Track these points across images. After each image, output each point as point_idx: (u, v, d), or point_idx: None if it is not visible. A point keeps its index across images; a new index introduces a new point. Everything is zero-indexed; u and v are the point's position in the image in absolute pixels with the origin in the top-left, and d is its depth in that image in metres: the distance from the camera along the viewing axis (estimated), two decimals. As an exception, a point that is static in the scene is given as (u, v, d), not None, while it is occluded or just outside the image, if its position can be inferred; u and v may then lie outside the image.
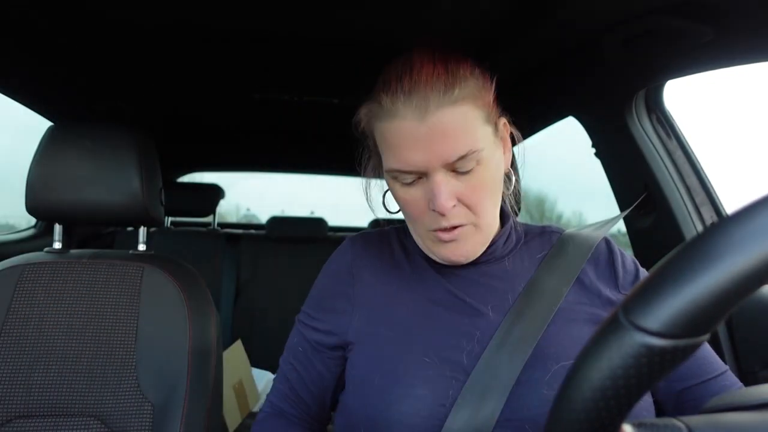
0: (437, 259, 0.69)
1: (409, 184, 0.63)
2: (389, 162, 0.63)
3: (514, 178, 0.72)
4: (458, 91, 0.59)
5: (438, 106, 0.58)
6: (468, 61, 0.63)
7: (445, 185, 0.60)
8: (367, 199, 0.75)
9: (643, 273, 0.72)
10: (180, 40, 1.17)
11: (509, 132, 0.69)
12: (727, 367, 0.67)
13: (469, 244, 0.66)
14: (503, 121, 0.68)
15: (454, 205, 0.61)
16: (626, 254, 0.75)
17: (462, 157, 0.59)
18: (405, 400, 0.61)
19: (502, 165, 0.66)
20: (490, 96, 0.64)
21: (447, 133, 0.58)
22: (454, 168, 0.60)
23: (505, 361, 0.61)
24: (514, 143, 0.71)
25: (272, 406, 0.78)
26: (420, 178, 0.62)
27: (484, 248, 0.68)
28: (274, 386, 0.78)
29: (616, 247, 0.75)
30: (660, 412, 0.66)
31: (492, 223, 0.67)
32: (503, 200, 0.71)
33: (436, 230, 0.64)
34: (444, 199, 0.60)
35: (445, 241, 0.65)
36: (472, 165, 0.60)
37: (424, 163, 0.60)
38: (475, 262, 0.69)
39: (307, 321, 0.75)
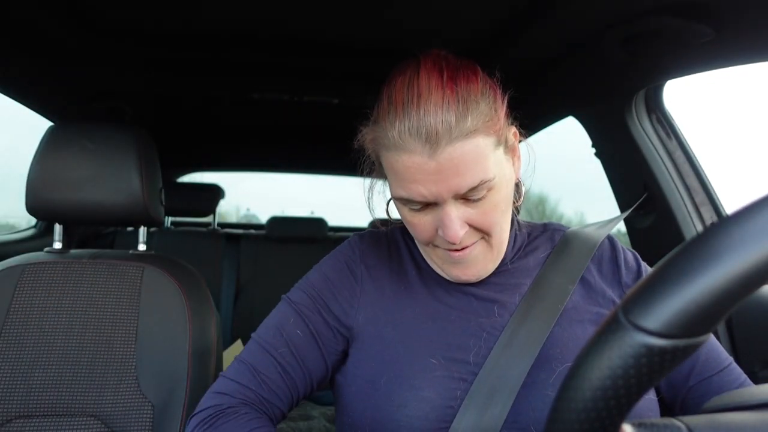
0: (447, 278, 0.68)
1: (418, 210, 0.62)
2: (397, 191, 0.61)
3: (523, 188, 0.71)
4: (470, 121, 0.56)
5: (449, 141, 0.55)
6: (477, 77, 0.60)
7: (456, 215, 0.59)
8: (369, 207, 0.73)
9: (645, 267, 0.72)
10: (180, 40, 1.17)
11: (518, 139, 0.67)
12: (731, 359, 0.66)
13: (480, 264, 0.65)
14: (512, 130, 0.65)
15: (466, 231, 0.61)
16: (628, 250, 0.75)
17: (473, 189, 0.58)
18: (412, 402, 0.60)
19: (513, 179, 0.65)
20: (501, 113, 0.61)
21: (458, 168, 0.56)
22: (464, 196, 0.59)
23: (513, 361, 0.61)
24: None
25: (252, 396, 0.66)
26: (429, 204, 0.61)
27: (496, 265, 0.67)
28: (251, 368, 0.67)
29: (618, 244, 0.75)
30: (665, 412, 0.66)
31: (503, 238, 0.66)
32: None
33: (446, 248, 0.64)
34: (455, 230, 0.59)
35: (456, 261, 0.64)
36: (484, 192, 0.59)
37: (434, 196, 0.58)
38: None
39: (307, 303, 0.70)
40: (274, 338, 0.69)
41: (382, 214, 0.73)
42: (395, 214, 0.70)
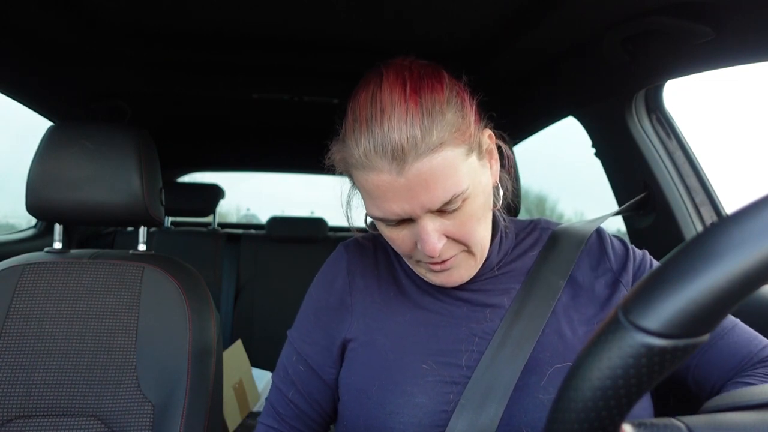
0: (432, 283, 0.67)
1: (395, 226, 0.61)
2: (371, 210, 0.61)
3: (501, 192, 0.69)
4: (436, 135, 0.54)
5: (415, 156, 0.53)
6: (443, 84, 0.58)
7: (432, 228, 0.58)
8: (348, 220, 0.72)
9: (633, 250, 0.72)
10: (180, 40, 1.17)
11: (495, 142, 0.65)
12: (737, 321, 0.66)
13: (462, 270, 0.64)
14: (488, 133, 0.64)
15: (444, 243, 0.59)
16: (615, 238, 0.75)
17: (447, 202, 0.56)
18: (405, 409, 0.60)
19: (489, 183, 0.63)
20: (470, 121, 0.59)
21: (428, 183, 0.54)
22: (439, 209, 0.57)
23: (506, 363, 0.61)
24: (513, 140, 0.69)
25: None
26: (405, 220, 0.59)
27: (479, 268, 0.67)
28: (273, 410, 0.74)
29: (606, 234, 0.75)
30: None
31: (485, 244, 0.65)
32: (493, 211, 0.69)
33: (427, 263, 0.63)
34: (433, 243, 0.57)
35: (437, 271, 0.64)
36: (459, 204, 0.57)
37: (407, 213, 0.57)
38: None
39: (304, 338, 0.73)
40: (284, 377, 0.74)
41: (358, 224, 0.72)
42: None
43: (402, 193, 0.55)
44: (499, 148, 0.67)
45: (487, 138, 0.64)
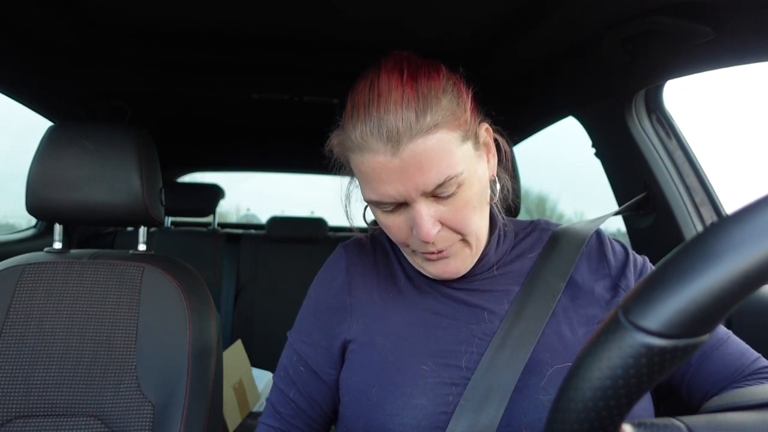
0: (429, 276, 0.68)
1: (391, 212, 0.62)
2: (367, 193, 0.62)
3: (498, 186, 0.69)
4: (430, 117, 0.55)
5: (410, 137, 0.55)
6: (439, 74, 0.59)
7: (427, 213, 0.59)
8: (347, 216, 0.72)
9: (633, 255, 0.72)
10: (180, 40, 1.17)
11: (492, 136, 0.66)
12: (729, 332, 0.66)
13: (459, 260, 0.65)
14: (485, 126, 0.65)
15: (439, 230, 0.60)
16: (616, 241, 0.74)
17: (440, 185, 0.57)
18: (404, 410, 0.60)
19: (486, 175, 0.64)
20: (466, 109, 0.60)
21: (422, 164, 0.56)
22: (434, 194, 0.58)
23: (506, 363, 0.61)
24: (513, 140, 0.69)
25: None
26: (401, 205, 0.61)
27: (475, 261, 0.67)
28: (274, 410, 0.74)
29: (605, 236, 0.75)
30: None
31: (481, 236, 0.65)
32: (491, 206, 0.69)
33: (423, 252, 0.63)
34: (427, 228, 0.58)
35: (434, 260, 0.64)
36: (453, 189, 0.58)
37: (402, 195, 0.58)
38: (468, 272, 0.68)
39: (304, 339, 0.73)
40: (285, 378, 0.74)
41: (358, 223, 0.72)
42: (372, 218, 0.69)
43: (397, 174, 0.57)
44: (497, 145, 0.67)
45: (484, 131, 0.65)
